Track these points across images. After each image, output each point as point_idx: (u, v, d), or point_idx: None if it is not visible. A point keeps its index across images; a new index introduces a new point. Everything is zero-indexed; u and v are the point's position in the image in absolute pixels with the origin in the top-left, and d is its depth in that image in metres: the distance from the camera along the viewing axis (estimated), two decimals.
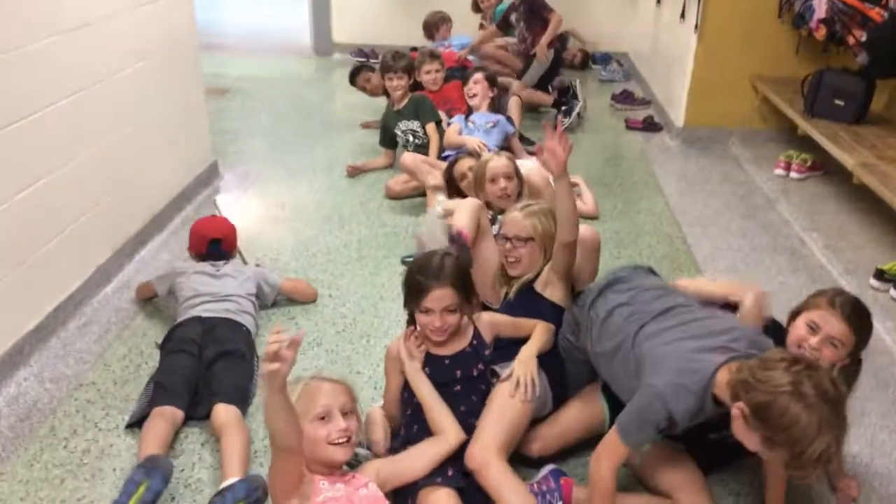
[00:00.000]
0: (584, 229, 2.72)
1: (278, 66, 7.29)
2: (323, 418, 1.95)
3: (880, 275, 3.32)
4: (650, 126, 5.44)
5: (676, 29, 5.31)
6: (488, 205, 3.21)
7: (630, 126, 5.49)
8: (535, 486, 2.17)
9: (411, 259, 3.36)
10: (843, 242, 3.77)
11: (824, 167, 4.52)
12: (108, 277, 3.30)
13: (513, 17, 5.69)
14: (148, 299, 3.18)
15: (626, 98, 5.95)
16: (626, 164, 4.85)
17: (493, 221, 3.15)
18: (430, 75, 4.80)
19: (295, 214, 4.03)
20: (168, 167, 3.87)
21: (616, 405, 2.30)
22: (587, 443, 2.33)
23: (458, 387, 2.25)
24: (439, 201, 3.38)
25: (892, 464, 2.41)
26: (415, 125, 4.52)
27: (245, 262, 3.33)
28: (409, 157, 4.08)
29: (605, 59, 7.03)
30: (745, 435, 1.75)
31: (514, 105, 4.96)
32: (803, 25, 4.43)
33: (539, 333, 2.38)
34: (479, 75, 4.60)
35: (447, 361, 2.26)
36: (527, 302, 2.54)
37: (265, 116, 5.70)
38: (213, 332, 2.69)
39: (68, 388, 2.66)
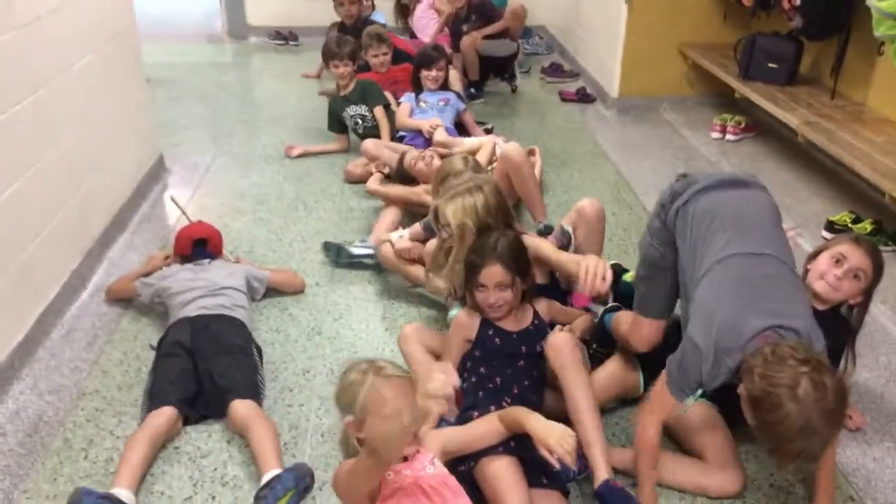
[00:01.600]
0: (587, 202, 2.82)
1: (194, 52, 7.06)
2: None
3: (831, 226, 3.56)
4: (584, 97, 5.59)
5: (604, 1, 5.45)
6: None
7: (564, 98, 5.62)
8: None
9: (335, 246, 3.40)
10: (789, 198, 4.01)
11: (757, 128, 4.77)
12: (83, 282, 3.18)
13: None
14: (124, 300, 3.08)
15: (555, 71, 6.08)
16: (569, 136, 4.98)
17: None
18: (377, 59, 4.77)
19: (257, 205, 3.95)
20: (121, 164, 3.73)
21: (650, 370, 2.42)
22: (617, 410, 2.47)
23: (522, 362, 2.32)
24: (398, 234, 3.21)
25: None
26: (362, 109, 4.50)
27: (229, 260, 3.26)
28: (370, 144, 4.06)
29: (526, 32, 7.13)
30: (745, 412, 1.81)
31: (454, 79, 4.97)
32: None
33: (583, 320, 2.54)
34: (443, 63, 4.55)
35: (514, 336, 2.35)
36: None
37: (196, 106, 5.53)
38: (206, 330, 2.63)
39: (71, 399, 2.56)
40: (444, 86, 4.59)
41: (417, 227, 3.12)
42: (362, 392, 1.74)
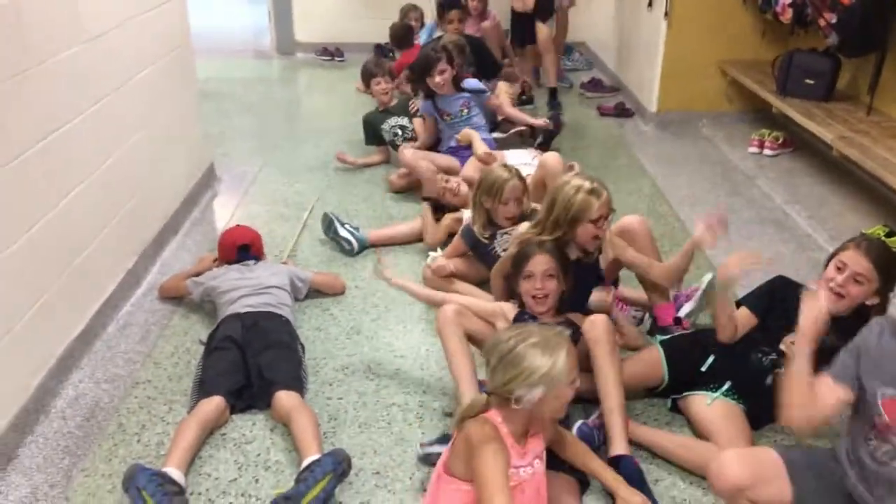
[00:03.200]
0: (634, 221, 2.92)
1: (243, 67, 7.31)
2: None
3: None
4: (622, 112, 5.67)
5: (643, 17, 5.55)
6: (490, 218, 3.26)
7: (603, 113, 5.71)
8: (590, 422, 2.40)
9: None
10: (824, 211, 4.05)
11: (794, 143, 4.81)
12: (138, 280, 3.35)
13: None
14: (175, 298, 3.24)
15: (595, 86, 6.18)
16: (607, 149, 5.07)
17: (492, 238, 3.23)
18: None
19: (301, 212, 4.11)
20: (174, 172, 3.92)
21: (672, 358, 2.55)
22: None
23: None
24: (432, 257, 3.41)
25: None
26: (403, 121, 4.64)
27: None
28: (408, 153, 4.18)
29: (567, 49, 7.24)
30: None
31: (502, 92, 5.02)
32: (769, 10, 4.71)
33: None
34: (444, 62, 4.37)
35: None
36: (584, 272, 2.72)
37: (245, 118, 5.75)
38: (255, 327, 2.77)
39: (125, 387, 2.72)
40: (457, 83, 4.36)
41: (457, 241, 3.25)
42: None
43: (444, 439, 2.28)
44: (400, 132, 4.66)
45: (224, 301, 2.96)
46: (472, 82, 4.44)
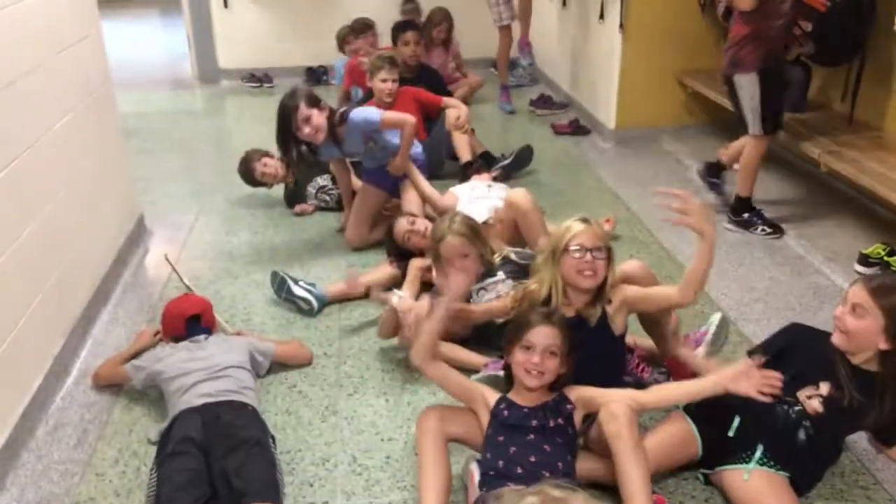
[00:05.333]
0: (636, 267, 2.61)
1: (163, 99, 6.78)
2: None
3: (865, 259, 3.37)
4: (578, 129, 5.39)
5: (594, 29, 5.29)
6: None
7: (558, 131, 5.42)
8: None
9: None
10: (812, 230, 3.82)
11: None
12: (66, 368, 2.86)
13: None
14: (113, 385, 2.78)
15: (545, 103, 5.89)
16: (569, 172, 4.77)
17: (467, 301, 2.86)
18: (385, 84, 4.32)
19: (250, 266, 3.66)
20: (100, 230, 3.43)
21: (706, 429, 2.26)
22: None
23: (532, 436, 2.11)
24: (397, 294, 2.92)
25: None
26: (325, 180, 4.23)
27: (228, 333, 2.97)
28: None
29: (511, 64, 6.95)
30: None
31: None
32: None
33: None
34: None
35: (525, 410, 2.15)
36: (596, 336, 2.35)
37: (172, 158, 5.23)
38: (217, 422, 2.33)
39: None
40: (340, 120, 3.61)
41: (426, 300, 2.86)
42: None
43: None
44: (327, 196, 4.24)
45: (174, 389, 2.51)
46: (358, 114, 3.63)
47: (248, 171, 4.36)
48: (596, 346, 2.30)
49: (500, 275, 2.95)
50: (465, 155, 4.48)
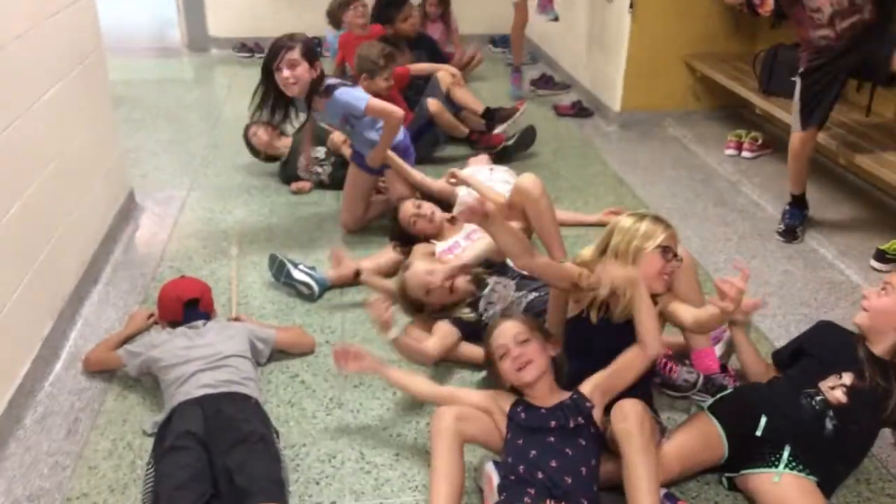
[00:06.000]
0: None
1: (151, 67, 6.55)
2: None
3: (881, 255, 3.28)
4: (581, 111, 5.26)
5: (600, 9, 5.14)
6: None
7: (561, 113, 5.29)
8: None
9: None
10: (825, 222, 3.73)
11: (774, 144, 4.50)
12: (56, 351, 2.72)
13: None
14: (104, 371, 2.64)
15: (546, 83, 5.75)
16: (574, 155, 4.63)
17: (475, 305, 2.79)
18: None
19: (246, 245, 3.52)
20: (91, 205, 3.27)
21: (732, 430, 2.17)
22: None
23: (552, 437, 2.02)
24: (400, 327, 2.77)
25: None
26: (319, 152, 4.10)
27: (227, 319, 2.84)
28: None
29: (507, 41, 6.78)
30: None
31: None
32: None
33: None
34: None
35: (543, 411, 2.07)
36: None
37: (162, 128, 5.05)
38: (219, 415, 2.21)
39: None
40: (325, 89, 3.32)
41: (445, 329, 2.71)
42: None
43: None
44: (320, 169, 4.08)
45: (172, 378, 2.38)
46: (344, 94, 3.29)
47: (246, 138, 4.25)
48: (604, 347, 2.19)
49: (493, 280, 2.82)
50: (478, 106, 4.53)
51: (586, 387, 2.09)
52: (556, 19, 5.42)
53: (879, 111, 3.83)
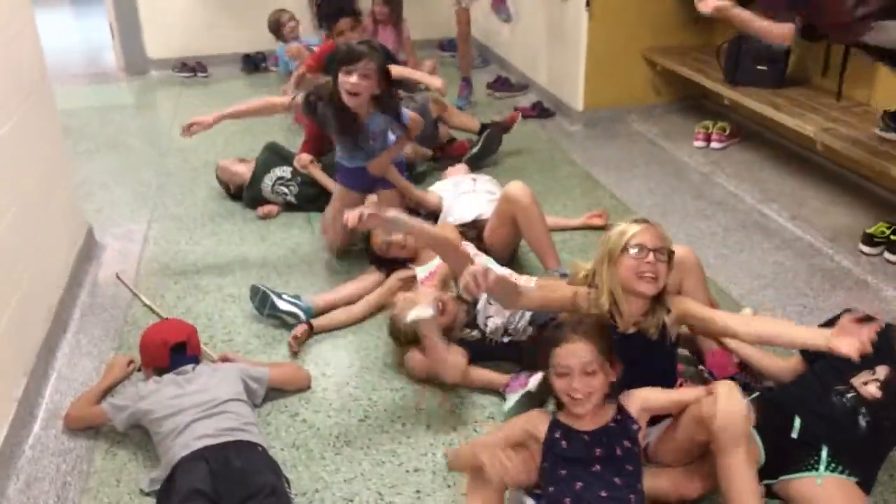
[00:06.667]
0: (681, 250, 2.38)
1: (87, 94, 6.23)
2: None
3: (870, 239, 3.28)
4: (542, 112, 5.18)
5: (556, 7, 5.07)
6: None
7: (523, 115, 5.17)
8: None
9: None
10: (805, 209, 3.72)
11: (741, 133, 4.49)
12: (32, 411, 2.51)
13: None
14: (88, 428, 2.44)
15: (503, 85, 5.66)
16: (542, 157, 4.55)
17: (473, 325, 2.70)
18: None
19: (220, 278, 3.33)
20: (51, 249, 3.05)
21: (766, 434, 2.09)
22: None
23: (598, 466, 1.90)
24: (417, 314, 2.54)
25: None
26: (283, 171, 3.91)
27: (212, 359, 2.66)
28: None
29: (453, 45, 6.69)
30: None
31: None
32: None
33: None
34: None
35: (586, 437, 1.92)
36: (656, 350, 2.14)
37: (108, 159, 4.78)
38: (227, 469, 2.04)
39: None
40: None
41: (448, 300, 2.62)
42: None
43: None
44: (286, 189, 3.90)
45: (166, 431, 2.21)
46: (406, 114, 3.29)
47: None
48: (654, 360, 2.10)
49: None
50: (474, 124, 4.46)
51: (633, 404, 1.97)
52: (507, 20, 5.29)
53: (850, 95, 3.83)
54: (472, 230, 3.27)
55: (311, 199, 3.85)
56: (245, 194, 3.99)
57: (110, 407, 2.38)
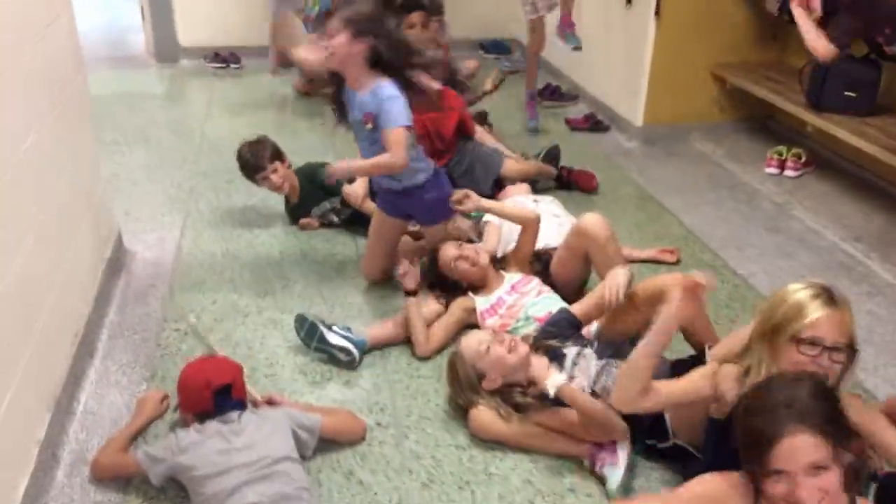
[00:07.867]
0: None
1: (116, 79, 5.93)
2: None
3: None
4: (596, 125, 4.88)
5: (618, 15, 4.76)
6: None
7: (574, 127, 4.90)
8: None
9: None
10: (894, 250, 3.41)
11: (816, 161, 4.18)
12: (55, 453, 2.23)
13: None
14: (117, 478, 2.17)
15: (552, 93, 5.34)
16: (598, 175, 4.21)
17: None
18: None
19: (260, 299, 3.05)
20: (78, 261, 2.77)
21: None
22: None
23: None
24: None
25: None
26: (334, 202, 3.57)
27: (255, 400, 2.38)
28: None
29: (499, 46, 6.40)
30: None
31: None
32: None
33: None
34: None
35: None
36: None
37: (138, 153, 4.51)
38: None
39: None
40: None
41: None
42: None
43: None
44: (335, 217, 3.60)
45: (210, 493, 1.96)
46: (392, 96, 2.73)
47: (251, 170, 3.59)
48: None
49: (571, 351, 2.42)
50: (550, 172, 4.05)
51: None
52: (578, 48, 4.79)
53: None
54: (538, 262, 2.99)
55: (353, 221, 3.56)
56: (288, 212, 3.69)
57: (145, 457, 2.11)
